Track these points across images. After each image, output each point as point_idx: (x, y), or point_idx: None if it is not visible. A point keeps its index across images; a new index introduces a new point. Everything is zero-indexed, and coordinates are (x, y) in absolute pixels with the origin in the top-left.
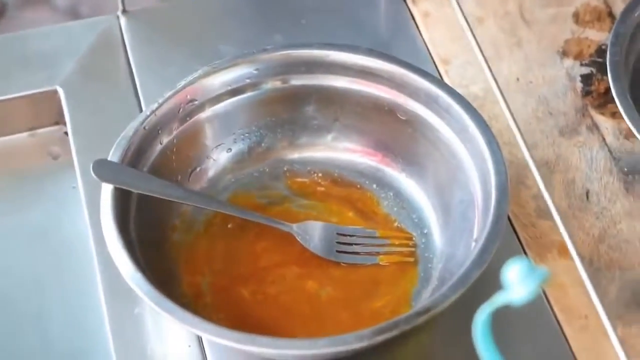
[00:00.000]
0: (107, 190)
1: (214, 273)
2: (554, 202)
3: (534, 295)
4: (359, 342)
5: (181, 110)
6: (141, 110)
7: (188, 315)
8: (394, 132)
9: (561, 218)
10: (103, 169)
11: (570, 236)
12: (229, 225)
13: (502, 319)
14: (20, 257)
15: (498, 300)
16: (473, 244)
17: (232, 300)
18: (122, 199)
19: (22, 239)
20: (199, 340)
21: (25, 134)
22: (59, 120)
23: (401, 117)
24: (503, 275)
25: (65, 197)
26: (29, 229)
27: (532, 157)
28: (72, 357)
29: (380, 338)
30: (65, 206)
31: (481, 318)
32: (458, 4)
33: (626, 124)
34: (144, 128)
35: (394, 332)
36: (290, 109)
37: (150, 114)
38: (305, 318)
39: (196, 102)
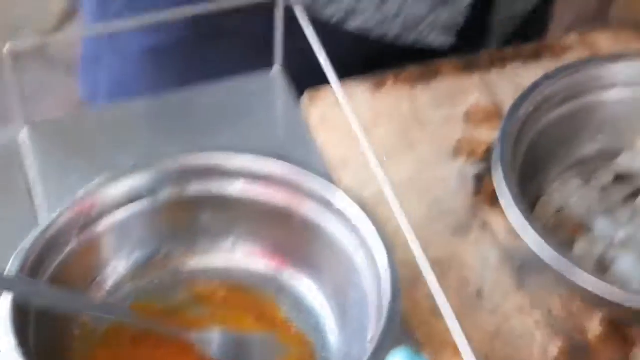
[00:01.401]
0: (4, 304)
1: None
2: (448, 301)
3: None
4: None
5: (80, 220)
6: (40, 222)
7: None
8: (291, 237)
9: (455, 317)
10: (1, 282)
11: (465, 334)
12: (129, 334)
13: None
14: None
15: None
16: (368, 344)
17: None
18: (20, 312)
19: None
20: None
21: None
22: None
23: (297, 221)
24: None
25: None
26: None
27: (426, 257)
28: None
29: None
30: None
31: None
32: (351, 116)
33: None
34: (44, 238)
35: None
36: (188, 217)
37: (48, 225)
38: None
39: (94, 212)
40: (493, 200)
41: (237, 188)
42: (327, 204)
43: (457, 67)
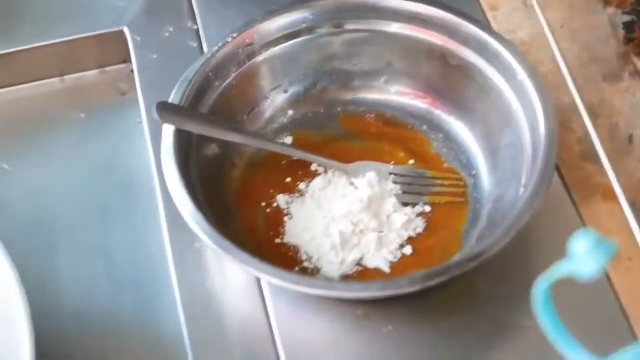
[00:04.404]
0: (168, 131)
1: (268, 207)
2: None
3: (601, 271)
4: (411, 287)
5: (240, 53)
6: (202, 50)
7: (245, 256)
8: (444, 77)
9: (608, 160)
10: (165, 111)
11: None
12: (283, 162)
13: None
14: (86, 187)
15: (561, 270)
16: (522, 189)
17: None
18: (182, 139)
19: (88, 171)
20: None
21: (95, 71)
22: (127, 59)
23: (451, 62)
24: (569, 246)
25: (130, 131)
26: (95, 161)
27: (580, 101)
28: (135, 285)
29: (431, 282)
30: (130, 140)
31: (542, 287)
32: None
33: None
34: (205, 70)
35: (445, 277)
36: (344, 53)
37: (211, 56)
38: None
39: (254, 46)
40: None
41: (393, 28)
42: (482, 47)
43: None
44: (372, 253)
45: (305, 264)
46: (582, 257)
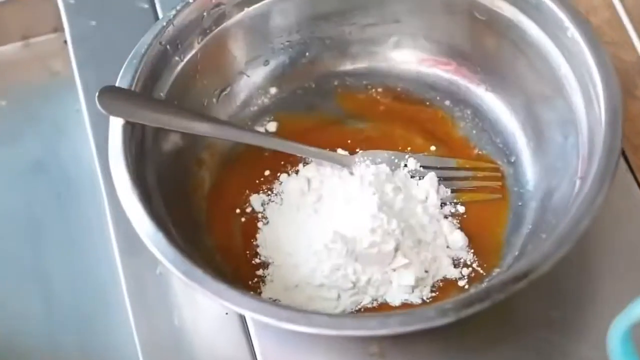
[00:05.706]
0: (116, 126)
1: (243, 215)
2: None
3: None
4: (442, 319)
5: (205, 17)
6: (156, 14)
7: (222, 287)
8: (471, 36)
9: None
10: (112, 100)
11: None
12: (266, 154)
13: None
14: (17, 196)
15: None
16: (577, 181)
17: None
18: (135, 134)
19: (18, 174)
20: None
21: (18, 44)
22: (58, 27)
23: (480, 17)
24: None
25: (66, 122)
26: (23, 160)
27: None
28: (80, 320)
29: (467, 312)
30: (66, 133)
31: (620, 329)
32: None
33: None
34: (160, 43)
35: (485, 305)
36: (339, 9)
37: (167, 24)
38: None
39: (223, 7)
40: None
41: None
42: None
43: None
44: None
45: None
46: None
